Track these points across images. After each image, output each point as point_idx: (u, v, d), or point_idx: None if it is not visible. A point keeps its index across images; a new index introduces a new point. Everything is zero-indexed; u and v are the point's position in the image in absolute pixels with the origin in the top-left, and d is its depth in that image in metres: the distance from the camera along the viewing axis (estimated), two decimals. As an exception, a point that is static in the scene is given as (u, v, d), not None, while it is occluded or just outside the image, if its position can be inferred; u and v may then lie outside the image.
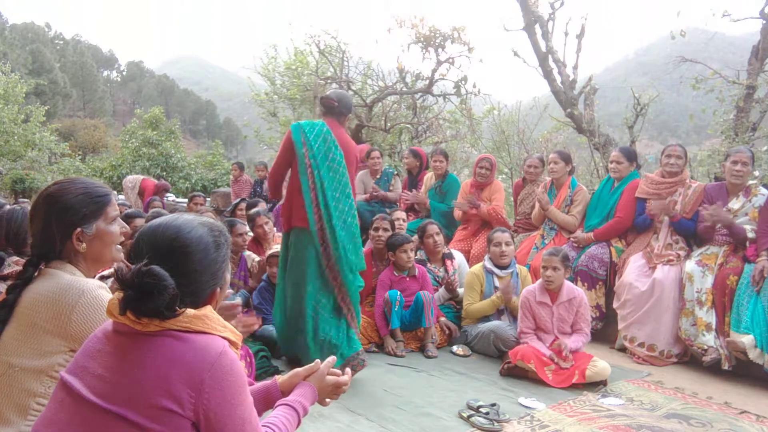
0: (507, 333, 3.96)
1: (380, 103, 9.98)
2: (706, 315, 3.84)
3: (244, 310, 2.78)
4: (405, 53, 12.95)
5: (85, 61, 57.54)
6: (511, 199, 6.05)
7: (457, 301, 4.57)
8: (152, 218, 2.37)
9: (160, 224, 1.28)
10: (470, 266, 4.74)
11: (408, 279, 4.30)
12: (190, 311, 1.22)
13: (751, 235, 3.90)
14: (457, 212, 5.53)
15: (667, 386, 3.55)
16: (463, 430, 2.76)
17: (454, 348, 4.16)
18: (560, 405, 3.13)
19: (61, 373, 1.26)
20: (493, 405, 2.97)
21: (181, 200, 10.95)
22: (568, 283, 3.82)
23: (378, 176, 6.25)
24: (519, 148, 10.09)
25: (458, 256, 4.90)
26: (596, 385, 3.43)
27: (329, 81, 9.72)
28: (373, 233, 4.51)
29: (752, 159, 4.06)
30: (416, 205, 5.94)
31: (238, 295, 4.20)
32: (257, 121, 14.01)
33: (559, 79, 7.60)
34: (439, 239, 4.70)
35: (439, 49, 8.73)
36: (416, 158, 6.25)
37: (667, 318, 4.04)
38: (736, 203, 4.03)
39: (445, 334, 4.31)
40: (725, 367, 3.72)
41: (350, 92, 9.63)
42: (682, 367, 3.99)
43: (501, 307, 4.20)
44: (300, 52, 11.42)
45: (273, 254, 4.17)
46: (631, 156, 4.77)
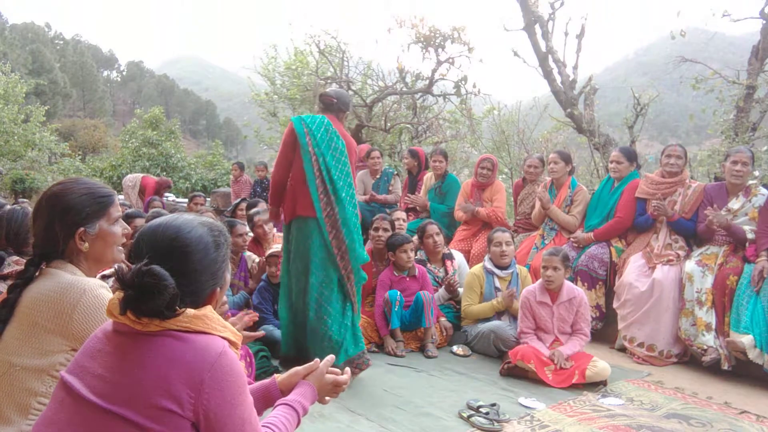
0: (507, 333, 3.96)
1: (380, 103, 9.97)
2: (706, 315, 3.84)
3: (244, 311, 2.79)
4: (405, 53, 12.96)
5: (85, 61, 57.52)
6: (511, 199, 6.05)
7: (457, 301, 4.57)
8: (152, 218, 2.37)
9: (160, 224, 1.28)
10: (470, 266, 4.74)
11: (408, 279, 4.30)
12: (190, 311, 1.22)
13: (750, 236, 3.90)
14: (459, 213, 5.53)
15: (667, 386, 3.55)
16: (463, 430, 2.76)
17: (454, 348, 4.17)
18: (560, 405, 3.13)
19: (61, 372, 1.26)
20: (493, 405, 2.98)
21: (181, 200, 10.93)
22: (568, 283, 3.82)
23: (378, 176, 6.24)
24: (519, 148, 10.09)
25: (458, 257, 4.90)
26: (596, 385, 3.44)
27: (329, 81, 9.71)
28: (373, 233, 4.51)
29: (752, 159, 4.06)
30: (417, 207, 5.95)
31: (238, 296, 4.21)
32: (257, 121, 14.00)
33: (559, 79, 7.61)
34: (439, 239, 4.70)
35: (439, 49, 8.72)
36: (414, 158, 6.25)
37: (666, 318, 4.04)
38: (736, 203, 4.03)
39: (443, 334, 4.32)
40: (725, 367, 3.73)
41: (350, 92, 9.63)
42: (682, 367, 3.99)
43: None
44: (300, 52, 11.42)
45: (272, 254, 4.17)
46: (631, 156, 4.77)
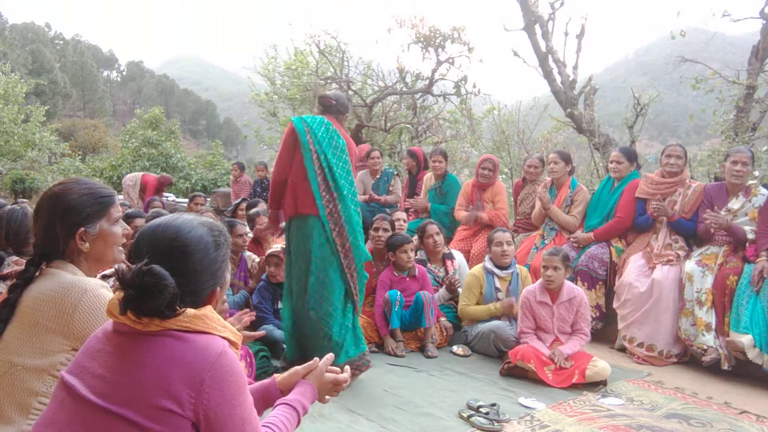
0: (507, 333, 3.96)
1: (380, 103, 9.97)
2: (706, 315, 3.84)
3: (243, 311, 2.79)
4: (405, 53, 12.98)
5: (85, 61, 57.54)
6: (511, 199, 6.05)
7: (458, 301, 4.57)
8: (152, 218, 2.37)
9: (160, 224, 1.29)
10: (470, 266, 4.74)
11: (408, 279, 4.30)
12: (191, 311, 1.22)
13: (750, 236, 3.90)
14: (460, 214, 5.51)
15: (667, 386, 3.55)
16: (463, 430, 2.76)
17: (454, 348, 4.17)
18: (560, 405, 3.13)
19: (61, 372, 1.26)
20: (493, 405, 2.98)
21: (181, 200, 10.92)
22: (568, 283, 3.82)
23: (378, 176, 6.24)
24: (519, 148, 10.08)
25: (458, 256, 4.90)
26: (596, 385, 3.44)
27: (329, 81, 9.71)
28: (373, 233, 4.51)
29: (752, 159, 4.06)
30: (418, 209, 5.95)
31: (238, 295, 4.21)
32: (257, 121, 14.00)
33: (559, 79, 7.61)
34: (439, 239, 4.70)
35: (439, 49, 8.72)
36: (413, 158, 6.24)
37: (666, 318, 4.04)
38: (736, 203, 4.03)
39: (444, 334, 4.32)
40: (725, 367, 3.73)
41: (350, 92, 9.63)
42: (681, 367, 3.99)
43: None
44: (300, 52, 11.42)
45: (272, 254, 4.17)
46: (631, 156, 4.77)
